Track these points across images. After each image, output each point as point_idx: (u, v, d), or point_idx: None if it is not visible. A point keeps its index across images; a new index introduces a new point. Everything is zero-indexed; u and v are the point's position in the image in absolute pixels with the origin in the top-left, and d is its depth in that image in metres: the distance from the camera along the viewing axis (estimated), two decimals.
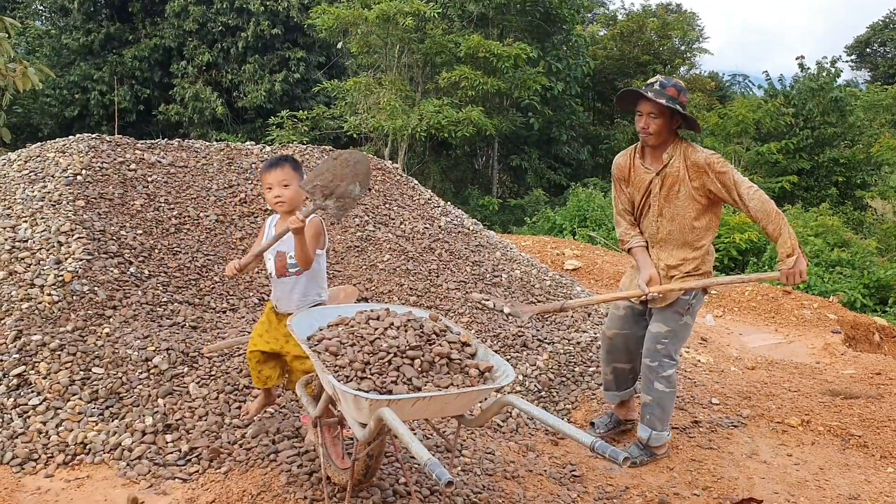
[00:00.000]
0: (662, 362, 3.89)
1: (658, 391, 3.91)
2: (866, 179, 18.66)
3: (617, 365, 4.16)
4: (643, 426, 4.02)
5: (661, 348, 3.88)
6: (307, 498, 3.17)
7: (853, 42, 36.46)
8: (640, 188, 3.90)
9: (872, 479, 4.02)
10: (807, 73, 19.14)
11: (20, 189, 5.25)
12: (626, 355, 4.12)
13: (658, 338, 3.88)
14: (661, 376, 3.90)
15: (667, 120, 3.74)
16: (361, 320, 3.09)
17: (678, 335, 3.90)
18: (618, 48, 21.54)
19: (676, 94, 3.70)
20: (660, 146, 3.81)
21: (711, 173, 3.70)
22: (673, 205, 3.81)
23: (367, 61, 17.69)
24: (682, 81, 3.76)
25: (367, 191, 3.56)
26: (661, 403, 3.94)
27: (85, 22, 20.70)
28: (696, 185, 3.75)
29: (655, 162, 3.84)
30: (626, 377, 4.19)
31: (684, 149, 3.78)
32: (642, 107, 3.77)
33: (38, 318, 4.14)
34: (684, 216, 3.81)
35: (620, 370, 4.16)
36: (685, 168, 3.75)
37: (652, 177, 3.83)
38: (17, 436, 3.54)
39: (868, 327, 7.82)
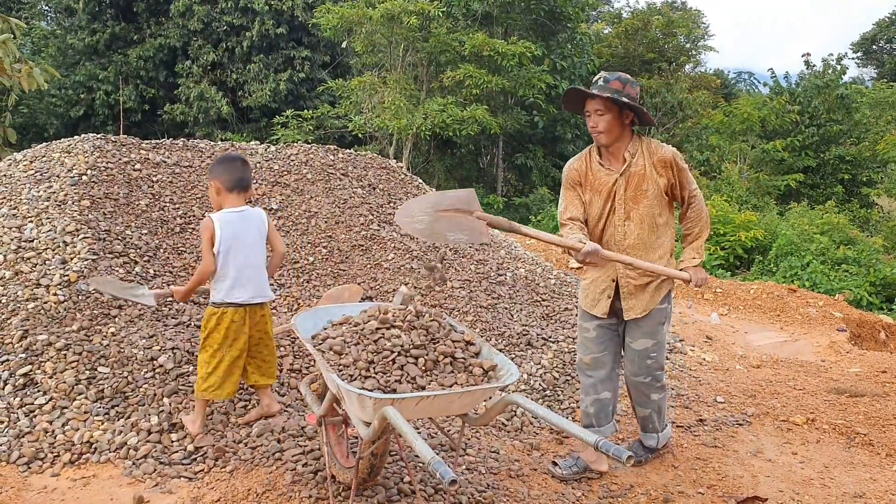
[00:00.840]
0: (655, 375, 3.79)
1: (655, 401, 3.86)
2: (872, 177, 18.59)
3: (599, 396, 3.81)
4: (648, 435, 3.98)
5: (652, 363, 3.75)
6: (312, 496, 3.18)
7: (859, 39, 36.32)
8: (601, 192, 3.64)
9: (878, 478, 4.01)
10: (813, 71, 19.08)
11: (26, 189, 5.27)
12: (608, 383, 3.81)
13: (646, 354, 3.73)
14: (655, 387, 3.82)
15: (616, 115, 3.53)
16: (365, 319, 3.10)
17: (662, 344, 3.77)
18: (623, 46, 21.50)
19: (621, 86, 3.51)
20: (616, 144, 3.60)
21: (676, 170, 3.59)
22: (641, 205, 3.60)
23: (372, 60, 17.68)
24: (627, 74, 3.58)
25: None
26: (660, 408, 3.91)
27: (90, 22, 20.74)
28: (664, 182, 3.60)
29: (616, 162, 3.63)
30: (608, 409, 3.85)
31: (647, 145, 3.62)
32: (589, 105, 3.58)
33: (44, 317, 4.15)
34: (651, 216, 3.61)
35: (603, 401, 3.82)
36: (651, 165, 3.58)
37: (615, 178, 3.60)
38: (23, 435, 3.56)
39: (874, 325, 7.80)
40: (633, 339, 3.74)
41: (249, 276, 3.61)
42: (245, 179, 3.66)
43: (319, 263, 5.60)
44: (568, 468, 3.77)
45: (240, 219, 3.63)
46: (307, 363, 4.42)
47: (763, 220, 12.68)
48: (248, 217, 3.67)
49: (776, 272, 10.68)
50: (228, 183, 3.62)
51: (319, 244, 5.79)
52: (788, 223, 12.60)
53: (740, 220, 12.03)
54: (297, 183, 6.36)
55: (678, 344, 6.16)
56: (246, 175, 3.67)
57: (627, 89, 3.51)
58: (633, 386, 3.85)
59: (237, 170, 3.64)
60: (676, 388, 5.16)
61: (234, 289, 3.58)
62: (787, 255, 10.91)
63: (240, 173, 3.63)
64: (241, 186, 3.65)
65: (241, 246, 3.60)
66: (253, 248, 3.64)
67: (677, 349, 6.03)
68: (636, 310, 3.68)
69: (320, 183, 6.45)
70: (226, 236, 3.55)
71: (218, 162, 3.70)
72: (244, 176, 3.66)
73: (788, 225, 12.32)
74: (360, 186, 6.61)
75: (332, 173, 6.63)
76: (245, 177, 3.66)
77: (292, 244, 5.72)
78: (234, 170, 3.64)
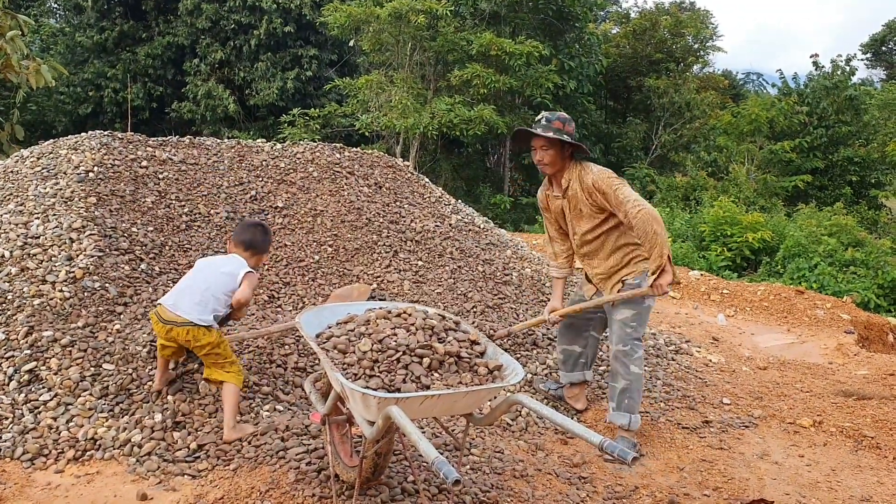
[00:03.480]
0: (633, 345, 4.09)
1: (634, 374, 4.09)
2: (881, 179, 18.50)
3: (567, 347, 4.49)
4: (621, 413, 4.12)
5: (630, 331, 4.08)
6: (315, 495, 3.17)
7: (868, 40, 36.13)
8: (557, 214, 4.29)
9: (885, 481, 3.99)
10: (821, 72, 18.98)
11: (33, 186, 5.27)
12: (578, 340, 4.47)
13: (626, 322, 4.08)
14: (634, 359, 4.09)
15: (558, 150, 4.05)
16: (371, 318, 3.08)
17: (643, 316, 4.11)
18: (631, 46, 21.40)
19: (562, 125, 4.03)
20: (558, 174, 4.13)
21: (598, 194, 3.96)
22: (583, 222, 4.12)
23: (379, 59, 17.67)
24: (564, 114, 4.17)
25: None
26: (637, 386, 4.11)
27: (99, 20, 20.79)
28: (591, 203, 4.03)
29: (559, 188, 4.18)
30: (577, 360, 4.48)
31: (579, 172, 4.06)
32: (535, 142, 4.11)
33: (49, 314, 4.16)
34: (594, 229, 4.10)
35: (570, 352, 4.49)
36: (580, 188, 4.04)
37: (561, 202, 4.19)
38: (27, 431, 3.56)
39: (882, 328, 7.75)
40: (616, 311, 4.13)
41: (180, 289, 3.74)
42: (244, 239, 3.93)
43: (325, 262, 5.60)
44: (547, 388, 4.67)
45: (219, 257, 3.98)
46: (311, 361, 4.42)
47: (771, 222, 12.62)
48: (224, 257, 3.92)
49: (783, 274, 10.63)
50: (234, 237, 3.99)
51: (325, 243, 5.78)
52: (796, 225, 12.54)
53: (748, 222, 11.97)
54: (303, 181, 6.36)
55: (684, 345, 6.13)
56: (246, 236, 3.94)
57: (566, 127, 4.04)
58: (614, 357, 4.15)
59: (245, 231, 3.98)
60: (682, 388, 5.13)
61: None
62: (795, 256, 10.86)
63: (248, 235, 3.93)
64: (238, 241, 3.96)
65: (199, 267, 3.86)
66: (202, 272, 3.79)
67: (683, 350, 6.00)
68: (611, 290, 4.17)
69: (326, 181, 6.44)
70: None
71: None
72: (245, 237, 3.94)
73: (796, 226, 12.26)
74: (367, 185, 6.60)
75: (338, 172, 6.62)
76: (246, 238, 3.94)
77: (298, 242, 5.71)
78: (244, 231, 3.98)
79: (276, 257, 5.52)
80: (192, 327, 3.59)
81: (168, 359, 3.81)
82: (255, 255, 3.92)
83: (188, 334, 3.60)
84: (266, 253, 4.03)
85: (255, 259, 3.91)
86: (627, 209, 3.86)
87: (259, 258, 3.96)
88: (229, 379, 3.69)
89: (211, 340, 3.65)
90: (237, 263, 3.81)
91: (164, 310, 3.63)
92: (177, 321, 3.59)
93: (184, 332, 3.59)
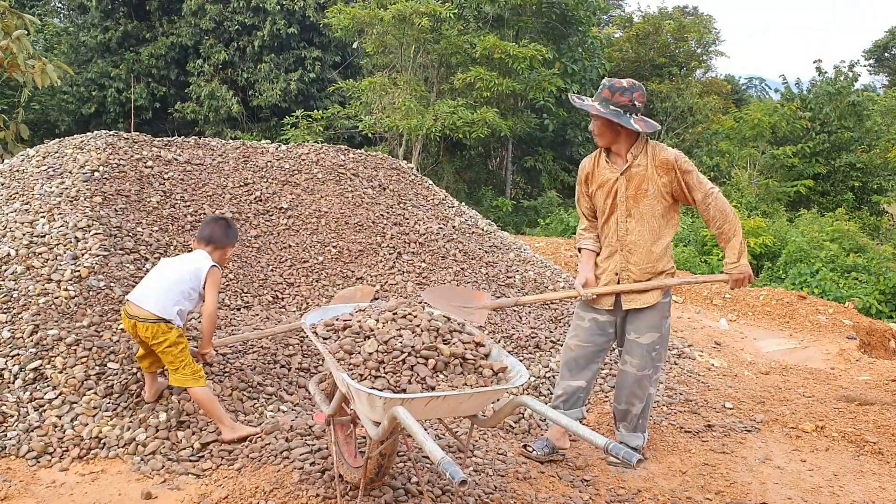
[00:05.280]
0: (656, 367, 3.94)
1: (650, 394, 3.96)
2: (883, 184, 18.52)
3: (572, 383, 3.99)
4: (636, 434, 4.01)
5: (655, 355, 3.90)
6: (319, 495, 3.18)
7: (871, 46, 36.15)
8: (604, 188, 3.86)
9: (887, 486, 3.99)
10: (824, 77, 19.01)
11: (38, 185, 5.29)
12: (586, 372, 3.99)
13: (651, 347, 3.87)
14: (653, 380, 3.95)
15: (606, 121, 3.74)
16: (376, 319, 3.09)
17: (665, 338, 3.95)
18: (634, 50, 21.45)
19: (610, 95, 3.72)
20: (617, 146, 3.81)
21: (678, 172, 3.72)
22: (641, 204, 3.79)
23: (383, 61, 17.70)
24: (624, 82, 3.76)
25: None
26: (650, 404, 4.01)
27: (103, 19, 20.83)
28: (664, 182, 3.76)
29: (620, 162, 3.83)
30: (578, 397, 4.02)
31: (652, 147, 3.79)
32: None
33: (54, 312, 4.17)
34: (652, 215, 3.80)
35: (574, 388, 3.99)
36: (653, 166, 3.75)
37: (617, 176, 3.81)
38: (32, 429, 3.57)
39: (884, 333, 7.76)
40: (640, 334, 3.86)
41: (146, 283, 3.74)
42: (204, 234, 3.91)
43: (329, 263, 5.61)
44: (541, 449, 3.97)
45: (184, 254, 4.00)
46: (315, 362, 4.43)
47: (772, 227, 12.64)
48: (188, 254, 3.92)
49: (785, 279, 10.65)
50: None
51: (329, 244, 5.80)
52: (798, 230, 12.56)
53: (750, 227, 12.00)
54: (308, 182, 6.37)
55: (687, 349, 6.14)
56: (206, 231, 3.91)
57: (616, 97, 3.70)
58: (635, 381, 3.91)
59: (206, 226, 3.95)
60: (685, 393, 5.14)
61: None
62: (797, 261, 10.88)
63: (207, 230, 3.91)
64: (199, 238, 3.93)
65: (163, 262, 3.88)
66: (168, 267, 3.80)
67: (686, 354, 6.01)
68: (639, 301, 3.85)
69: (331, 183, 6.45)
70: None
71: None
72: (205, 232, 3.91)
73: (798, 232, 12.29)
74: (371, 187, 6.61)
75: (342, 173, 6.63)
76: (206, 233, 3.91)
77: (302, 244, 5.73)
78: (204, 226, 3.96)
79: (281, 258, 5.53)
80: (153, 324, 3.55)
81: (150, 370, 3.76)
82: (218, 250, 3.83)
83: (148, 330, 3.55)
84: (228, 247, 3.91)
85: (218, 254, 3.84)
86: (706, 190, 3.70)
87: (222, 252, 3.88)
88: (191, 384, 3.61)
89: (170, 338, 3.56)
90: (200, 258, 3.77)
91: (131, 305, 3.62)
92: (139, 315, 3.56)
93: (144, 327, 3.55)
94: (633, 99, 3.70)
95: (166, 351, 3.58)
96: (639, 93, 3.74)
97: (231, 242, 3.93)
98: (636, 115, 3.71)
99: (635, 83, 3.76)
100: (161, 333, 3.56)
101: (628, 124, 3.68)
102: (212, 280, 3.71)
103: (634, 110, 3.71)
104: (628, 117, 3.68)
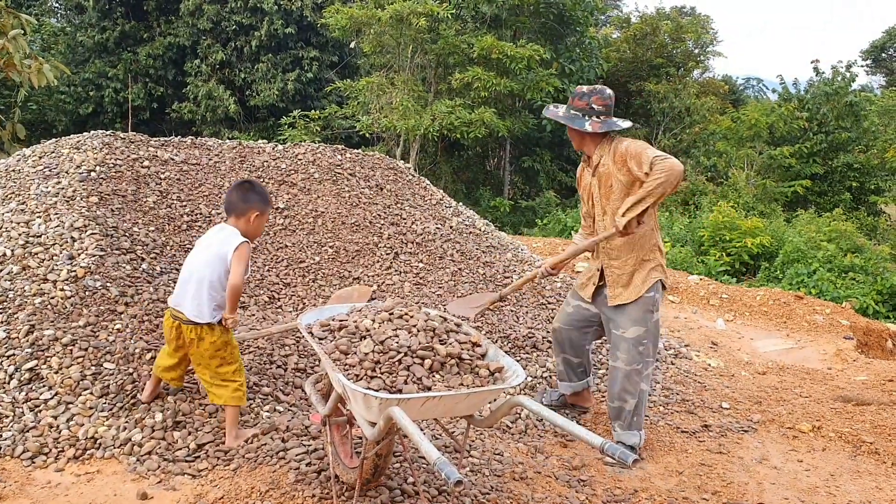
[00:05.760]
0: (646, 363, 3.99)
1: (642, 390, 3.99)
2: (880, 185, 18.55)
3: (566, 356, 4.37)
4: (631, 433, 4.02)
5: (643, 349, 3.96)
6: (315, 496, 3.18)
7: (868, 46, 36.21)
8: (585, 191, 4.12)
9: (884, 487, 3.99)
10: (822, 78, 19.03)
11: (34, 185, 5.28)
12: (573, 351, 4.34)
13: (638, 342, 3.95)
14: (644, 376, 4.00)
15: (568, 128, 3.99)
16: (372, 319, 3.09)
17: (653, 333, 4.00)
18: (631, 51, 21.45)
19: (572, 101, 3.95)
20: (588, 148, 3.99)
21: (631, 159, 3.76)
22: (611, 201, 3.91)
23: (380, 61, 17.70)
24: (586, 88, 3.96)
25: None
26: (644, 401, 4.04)
27: (100, 19, 20.81)
28: (624, 173, 3.82)
29: (591, 164, 4.02)
30: (577, 370, 4.38)
31: (613, 144, 3.89)
32: None
33: (50, 312, 4.16)
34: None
35: (570, 362, 4.37)
36: (612, 162, 3.87)
37: (589, 178, 4.04)
38: (28, 430, 3.56)
39: (881, 334, 7.76)
40: (625, 329, 3.97)
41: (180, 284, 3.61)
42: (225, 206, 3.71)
43: (325, 263, 5.60)
44: (549, 398, 4.53)
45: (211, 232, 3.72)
46: (312, 362, 4.42)
47: (770, 227, 12.65)
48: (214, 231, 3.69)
49: (782, 279, 10.65)
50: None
51: (326, 244, 5.79)
52: (795, 230, 12.57)
53: (747, 227, 12.00)
54: (305, 182, 6.36)
55: (683, 349, 6.14)
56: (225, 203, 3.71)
57: (575, 102, 3.94)
58: (624, 376, 3.98)
59: (226, 197, 3.72)
60: (682, 393, 5.14)
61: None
62: (794, 262, 10.89)
63: (226, 201, 3.69)
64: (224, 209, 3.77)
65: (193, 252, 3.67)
66: (196, 259, 3.61)
67: (682, 354, 6.01)
68: (622, 297, 3.97)
69: (327, 183, 6.45)
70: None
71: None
72: (225, 204, 3.71)
73: (795, 232, 12.30)
74: (368, 187, 6.61)
75: (339, 173, 6.63)
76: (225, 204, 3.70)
77: (298, 244, 5.72)
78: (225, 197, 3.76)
79: (277, 258, 5.52)
80: (196, 326, 3.50)
81: (175, 384, 3.75)
82: (241, 218, 3.59)
83: (192, 332, 3.50)
84: (251, 212, 3.60)
85: (242, 222, 3.59)
86: (653, 160, 3.63)
87: (246, 220, 3.59)
88: (229, 402, 3.55)
89: (213, 339, 3.52)
90: (224, 238, 3.55)
91: (172, 309, 3.58)
92: (182, 318, 3.51)
93: (188, 329, 3.51)
94: (591, 103, 3.88)
95: (214, 355, 3.53)
96: (597, 97, 3.89)
97: (251, 207, 3.60)
98: (594, 117, 3.86)
99: (597, 88, 3.93)
100: (205, 334, 3.52)
101: (581, 126, 3.86)
102: (237, 256, 3.47)
103: (592, 113, 3.87)
104: (583, 119, 3.87)
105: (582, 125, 3.86)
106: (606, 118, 3.88)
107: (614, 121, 3.91)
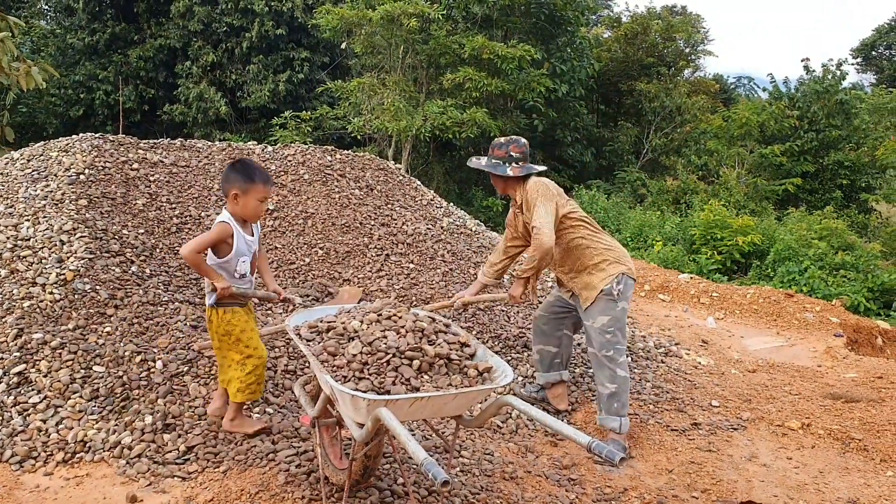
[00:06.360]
0: (616, 349, 4.17)
1: (621, 377, 4.15)
2: (871, 183, 18.58)
3: (543, 347, 4.63)
4: (611, 417, 4.16)
5: (610, 336, 4.16)
6: (305, 497, 3.18)
7: (859, 45, 36.35)
8: (522, 231, 4.46)
9: (872, 483, 4.02)
10: (812, 76, 19.08)
11: (23, 188, 5.26)
12: (552, 340, 4.60)
13: (604, 329, 4.17)
14: (619, 363, 4.17)
15: (492, 175, 4.37)
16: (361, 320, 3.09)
17: (619, 320, 4.20)
18: (622, 50, 21.46)
19: (492, 151, 4.36)
20: (512, 192, 4.38)
21: (525, 204, 4.22)
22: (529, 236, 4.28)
23: (371, 62, 17.67)
24: (502, 139, 4.40)
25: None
26: (625, 389, 4.17)
27: (90, 22, 20.72)
28: (526, 214, 4.25)
29: (517, 204, 4.41)
30: (552, 360, 4.62)
31: (523, 189, 4.30)
32: None
33: (39, 316, 4.15)
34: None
35: (546, 352, 4.62)
36: (521, 204, 4.32)
37: (521, 216, 4.39)
38: (16, 434, 3.56)
39: (871, 331, 7.80)
40: (592, 319, 4.22)
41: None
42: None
43: (316, 265, 5.60)
44: (529, 392, 4.75)
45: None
46: (301, 364, 4.42)
47: (761, 225, 12.68)
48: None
49: (773, 277, 10.68)
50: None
51: (316, 245, 5.79)
52: (786, 228, 12.60)
53: (738, 225, 12.02)
54: (294, 184, 6.36)
55: (674, 347, 6.16)
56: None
57: (495, 152, 4.35)
58: (597, 363, 4.22)
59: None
60: (672, 391, 5.16)
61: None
62: (785, 260, 10.91)
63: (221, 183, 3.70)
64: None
65: None
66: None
67: (672, 352, 6.03)
68: (588, 299, 4.23)
69: (317, 184, 6.44)
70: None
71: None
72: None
73: (786, 230, 12.32)
74: (358, 188, 6.60)
75: (329, 174, 6.62)
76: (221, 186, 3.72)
77: (288, 245, 5.71)
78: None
79: (267, 260, 5.51)
80: (208, 308, 3.53)
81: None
82: (228, 199, 3.46)
83: (207, 313, 3.57)
84: (231, 189, 3.42)
85: (230, 203, 3.45)
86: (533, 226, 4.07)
87: (232, 199, 3.43)
88: (234, 397, 3.56)
89: (217, 322, 3.48)
90: (216, 221, 3.48)
91: None
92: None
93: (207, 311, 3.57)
94: (509, 151, 4.30)
95: (222, 341, 3.56)
96: (514, 145, 4.32)
97: (230, 186, 3.43)
98: (513, 163, 4.28)
99: (513, 138, 4.37)
100: (212, 316, 3.53)
101: (503, 172, 4.28)
102: (212, 230, 3.42)
103: (511, 160, 4.29)
104: (504, 166, 4.29)
105: (504, 171, 4.27)
106: (524, 163, 4.31)
107: (531, 165, 4.34)
